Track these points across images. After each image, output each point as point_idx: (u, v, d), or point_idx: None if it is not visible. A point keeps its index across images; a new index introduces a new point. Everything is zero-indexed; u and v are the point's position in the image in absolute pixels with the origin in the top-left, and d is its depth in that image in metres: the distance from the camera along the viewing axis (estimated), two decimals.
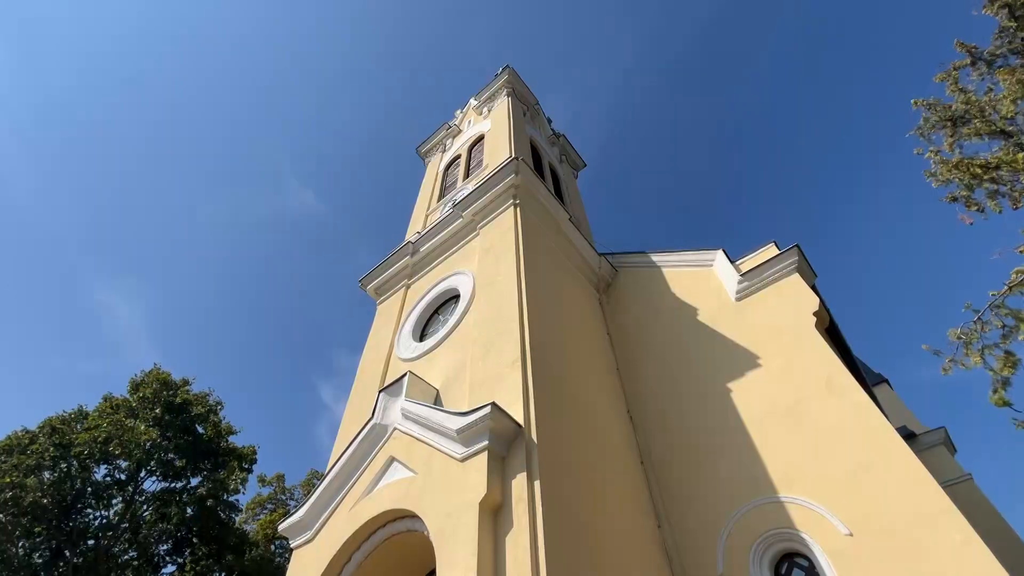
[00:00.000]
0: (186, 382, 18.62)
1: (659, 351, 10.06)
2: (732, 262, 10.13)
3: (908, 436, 13.82)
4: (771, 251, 9.76)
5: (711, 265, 10.68)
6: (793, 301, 8.81)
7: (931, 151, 8.20)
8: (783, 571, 6.83)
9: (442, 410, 6.65)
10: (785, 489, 7.06)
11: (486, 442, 5.80)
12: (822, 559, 6.30)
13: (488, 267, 9.37)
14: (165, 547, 17.30)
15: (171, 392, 17.91)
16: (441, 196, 15.15)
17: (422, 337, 10.09)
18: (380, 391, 7.98)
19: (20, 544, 14.76)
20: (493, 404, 5.95)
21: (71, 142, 57.97)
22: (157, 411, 17.27)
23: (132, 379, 18.45)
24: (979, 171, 7.57)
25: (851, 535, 6.21)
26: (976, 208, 7.80)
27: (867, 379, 11.96)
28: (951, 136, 8.00)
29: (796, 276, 9.12)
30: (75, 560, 15.20)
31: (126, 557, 16.58)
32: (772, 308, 9.01)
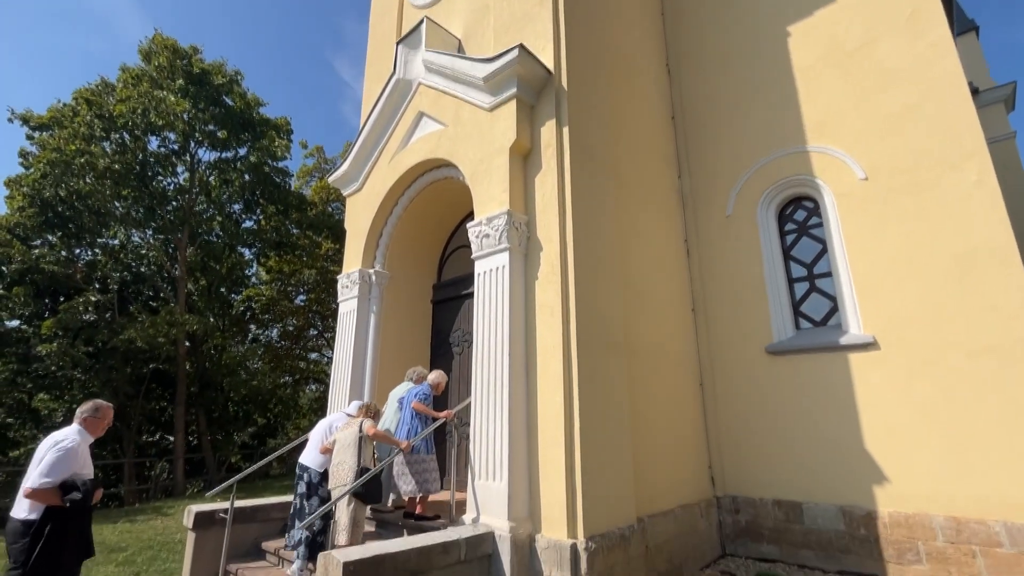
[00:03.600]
0: (196, 49, 17.56)
1: None
2: None
3: (972, 92, 12.80)
4: None
5: None
6: None
7: None
8: (788, 212, 7.46)
9: (466, 58, 6.22)
10: (815, 139, 7.00)
11: (514, 90, 5.61)
12: (828, 200, 6.73)
13: None
14: (238, 206, 19.89)
15: (185, 61, 17.15)
16: None
17: None
18: (398, 43, 7.38)
19: (117, 204, 17.12)
20: (521, 46, 5.48)
21: None
22: (180, 82, 16.97)
23: (140, 47, 17.47)
24: None
25: (866, 179, 6.43)
26: None
27: (955, 23, 10.25)
28: None
29: None
30: (167, 216, 17.88)
31: (207, 215, 19.34)
32: None
